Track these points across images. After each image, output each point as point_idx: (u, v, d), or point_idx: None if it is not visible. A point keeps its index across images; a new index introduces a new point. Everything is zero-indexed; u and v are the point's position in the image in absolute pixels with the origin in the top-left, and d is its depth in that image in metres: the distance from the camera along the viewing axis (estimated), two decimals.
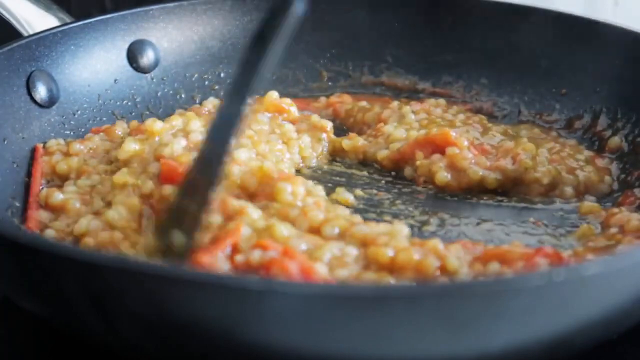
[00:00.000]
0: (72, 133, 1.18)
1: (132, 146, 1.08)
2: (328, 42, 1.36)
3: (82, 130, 1.19)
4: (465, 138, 1.12)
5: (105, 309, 0.76)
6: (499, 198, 1.10)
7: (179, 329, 0.74)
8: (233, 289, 0.70)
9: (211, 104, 1.24)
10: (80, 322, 0.81)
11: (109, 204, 1.01)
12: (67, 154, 1.12)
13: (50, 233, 1.00)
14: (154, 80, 1.29)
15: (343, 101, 1.30)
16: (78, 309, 0.78)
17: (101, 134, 1.16)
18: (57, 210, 1.04)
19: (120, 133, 1.16)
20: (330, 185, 1.12)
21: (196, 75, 1.32)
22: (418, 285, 0.83)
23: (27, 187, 1.08)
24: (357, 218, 0.97)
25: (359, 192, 1.10)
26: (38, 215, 1.03)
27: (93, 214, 1.01)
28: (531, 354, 0.78)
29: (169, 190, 0.99)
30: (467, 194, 1.10)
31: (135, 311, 0.75)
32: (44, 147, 1.13)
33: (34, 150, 1.12)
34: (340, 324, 0.71)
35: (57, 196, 1.04)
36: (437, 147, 1.12)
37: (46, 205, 1.04)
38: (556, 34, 1.26)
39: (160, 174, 1.02)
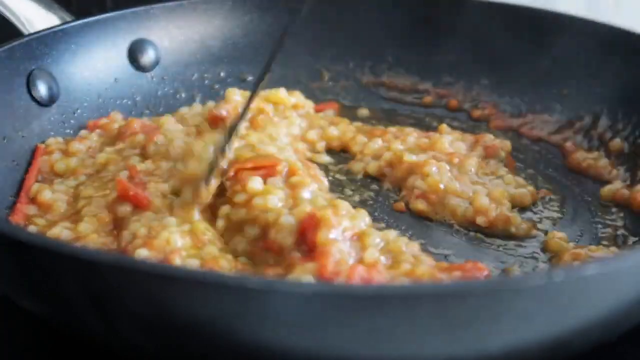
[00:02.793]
0: (72, 132, 1.18)
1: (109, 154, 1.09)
2: (329, 42, 1.36)
3: (82, 129, 1.19)
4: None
5: (105, 309, 0.76)
6: None
7: (179, 329, 0.74)
8: (233, 289, 0.70)
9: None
10: (80, 322, 0.81)
11: (79, 213, 1.00)
12: (66, 153, 1.12)
13: (32, 229, 1.00)
14: (154, 79, 1.29)
15: None
16: (78, 308, 0.78)
17: (98, 130, 1.17)
18: (43, 207, 1.03)
19: (116, 127, 1.16)
20: None
21: (196, 75, 1.32)
22: (418, 285, 0.83)
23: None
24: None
25: None
26: (26, 209, 1.03)
27: (67, 218, 1.01)
28: (531, 354, 0.78)
29: (124, 209, 0.99)
30: None
31: (135, 311, 0.74)
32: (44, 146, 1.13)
33: (34, 150, 1.12)
34: (340, 324, 0.71)
35: (47, 194, 1.04)
36: None
37: (35, 201, 1.04)
38: (557, 34, 1.26)
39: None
